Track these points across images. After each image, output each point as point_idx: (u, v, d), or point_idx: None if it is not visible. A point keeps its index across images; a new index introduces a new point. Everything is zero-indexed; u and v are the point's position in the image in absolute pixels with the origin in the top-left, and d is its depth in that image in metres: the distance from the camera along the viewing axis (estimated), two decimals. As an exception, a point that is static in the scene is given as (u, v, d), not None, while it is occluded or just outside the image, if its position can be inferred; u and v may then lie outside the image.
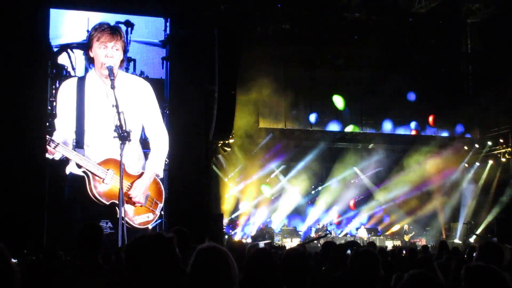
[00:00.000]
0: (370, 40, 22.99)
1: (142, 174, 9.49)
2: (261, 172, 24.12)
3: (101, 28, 9.42)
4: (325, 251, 7.16)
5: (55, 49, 12.29)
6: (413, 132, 25.05)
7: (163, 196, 9.79)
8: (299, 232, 23.47)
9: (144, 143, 10.23)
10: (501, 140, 23.10)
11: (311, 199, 25.46)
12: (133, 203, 9.29)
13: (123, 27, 12.76)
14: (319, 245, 18.86)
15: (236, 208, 23.49)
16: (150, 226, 9.61)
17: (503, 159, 23.02)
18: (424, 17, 22.59)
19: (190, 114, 14.74)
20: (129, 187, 9.22)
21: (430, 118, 25.00)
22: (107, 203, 8.92)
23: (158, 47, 14.62)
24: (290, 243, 20.95)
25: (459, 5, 22.56)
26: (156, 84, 11.83)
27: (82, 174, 8.94)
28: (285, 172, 25.02)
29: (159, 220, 10.83)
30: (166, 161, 12.07)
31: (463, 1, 22.27)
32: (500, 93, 22.44)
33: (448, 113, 24.76)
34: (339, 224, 25.25)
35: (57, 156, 8.98)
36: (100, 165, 9.00)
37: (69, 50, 12.32)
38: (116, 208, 8.37)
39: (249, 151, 22.88)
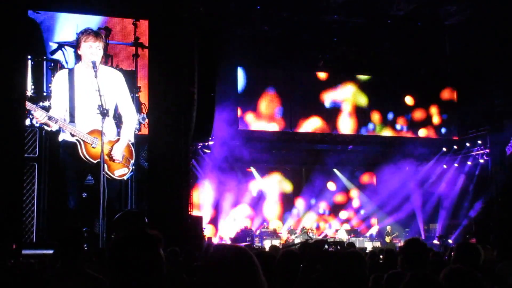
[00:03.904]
0: (349, 42, 23.15)
1: (118, 139, 13.03)
2: (240, 175, 24.18)
3: (86, 32, 12.71)
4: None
5: (54, 47, 14.79)
6: (392, 134, 25.14)
7: (134, 155, 13.52)
8: (279, 234, 23.48)
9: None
10: (479, 142, 23.24)
11: (291, 201, 25.52)
12: (113, 160, 12.84)
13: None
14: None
15: (216, 211, 23.47)
16: (125, 177, 13.45)
17: (481, 160, 23.17)
18: (402, 19, 22.70)
19: (170, 116, 14.74)
20: (110, 149, 12.73)
21: (409, 118, 25.17)
22: (94, 161, 12.29)
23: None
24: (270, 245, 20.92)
25: (437, 7, 22.67)
26: (128, 74, 14.67)
27: (74, 141, 12.40)
28: (264, 174, 25.08)
29: (132, 173, 13.85)
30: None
31: (441, 3, 22.39)
32: (478, 95, 22.61)
33: (426, 114, 25.00)
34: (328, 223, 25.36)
35: (54, 128, 12.62)
36: (88, 134, 12.36)
37: (63, 48, 14.70)
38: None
39: (229, 153, 22.85)
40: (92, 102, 11.74)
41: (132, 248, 3.01)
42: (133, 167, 13.87)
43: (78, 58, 13.08)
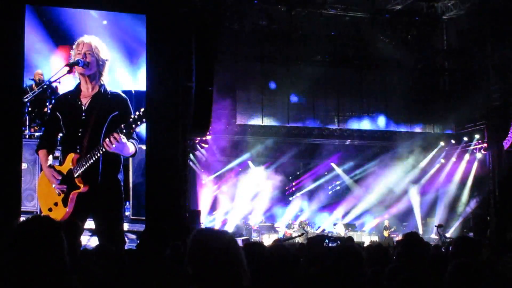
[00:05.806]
0: (347, 37, 23.12)
1: None
2: (238, 169, 24.18)
3: None
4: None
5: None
6: (390, 128, 25.14)
7: None
8: (277, 229, 23.46)
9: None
10: (477, 136, 23.24)
11: (288, 195, 25.53)
12: None
13: None
14: (296, 240, 18.89)
15: (214, 205, 23.47)
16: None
17: (479, 155, 23.17)
18: (400, 13, 22.67)
19: (167, 111, 14.69)
20: None
21: (406, 113, 25.20)
22: None
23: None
24: (268, 239, 20.94)
25: (435, 1, 22.66)
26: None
27: None
28: (262, 169, 25.06)
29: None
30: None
31: (438, -3, 22.45)
32: (476, 89, 22.58)
33: (424, 109, 24.99)
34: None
35: None
36: None
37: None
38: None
39: (226, 148, 22.86)
40: None
41: (34, 231, 3.24)
42: None
43: None
